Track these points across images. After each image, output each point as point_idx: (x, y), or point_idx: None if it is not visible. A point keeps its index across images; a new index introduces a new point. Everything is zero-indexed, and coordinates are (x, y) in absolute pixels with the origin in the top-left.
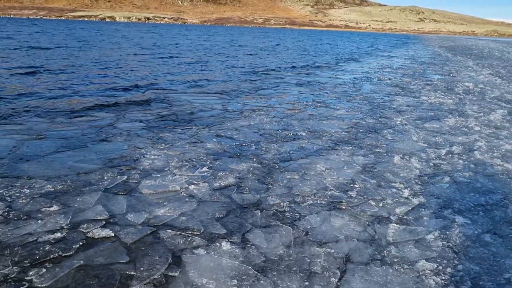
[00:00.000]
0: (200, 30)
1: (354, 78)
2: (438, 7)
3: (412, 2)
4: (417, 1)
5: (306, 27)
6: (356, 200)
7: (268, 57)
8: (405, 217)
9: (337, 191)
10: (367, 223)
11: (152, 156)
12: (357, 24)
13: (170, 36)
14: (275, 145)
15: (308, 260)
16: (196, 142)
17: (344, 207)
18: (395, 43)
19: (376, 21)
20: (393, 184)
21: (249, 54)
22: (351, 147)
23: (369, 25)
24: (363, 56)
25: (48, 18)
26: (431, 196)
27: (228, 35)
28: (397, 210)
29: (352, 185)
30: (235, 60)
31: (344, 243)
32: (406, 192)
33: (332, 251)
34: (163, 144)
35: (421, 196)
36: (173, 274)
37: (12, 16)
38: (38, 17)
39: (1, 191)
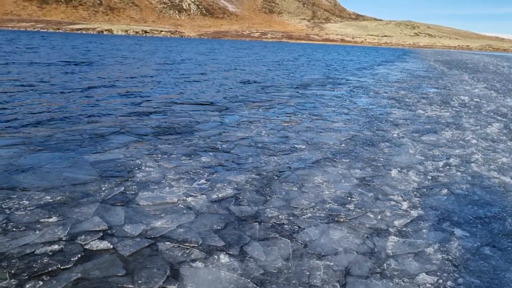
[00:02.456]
0: (209, 44)
1: (351, 91)
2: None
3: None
4: (413, 16)
5: (302, 41)
6: (354, 213)
7: (261, 69)
8: (404, 229)
9: (335, 204)
10: (366, 235)
11: (149, 168)
12: (353, 38)
13: (171, 49)
14: (273, 157)
15: (308, 273)
16: (193, 154)
17: (342, 220)
18: (391, 56)
19: (372, 35)
20: (391, 196)
21: (245, 66)
22: (348, 160)
23: (365, 39)
24: (359, 69)
25: (46, 30)
26: (429, 209)
27: (231, 48)
28: (396, 223)
29: (350, 198)
30: (234, 73)
31: (343, 256)
32: (404, 205)
33: (331, 263)
34: (159, 156)
35: (419, 209)
36: (171, 287)
37: (10, 28)
38: (36, 29)
39: None
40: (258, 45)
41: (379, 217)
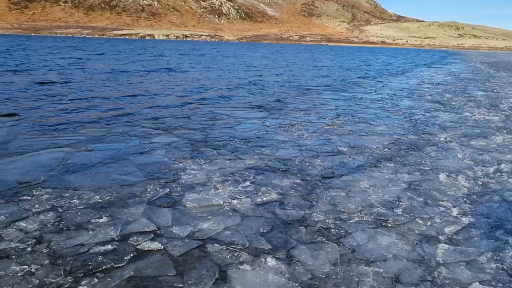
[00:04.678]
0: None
1: (394, 94)
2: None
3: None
4: (457, 17)
5: (342, 44)
6: (402, 218)
7: (302, 71)
8: (454, 237)
9: (383, 209)
10: (416, 242)
11: (193, 170)
12: (394, 40)
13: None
14: (317, 161)
15: (356, 279)
16: (236, 157)
17: (390, 225)
18: (434, 58)
19: (414, 37)
20: (441, 202)
21: (282, 69)
22: (393, 164)
23: (407, 41)
24: (401, 72)
25: (92, 36)
26: (481, 216)
27: (276, 53)
28: (446, 230)
29: (398, 202)
30: (274, 76)
31: (393, 263)
32: (454, 211)
33: (381, 270)
34: (202, 159)
35: (470, 216)
36: None
37: (58, 34)
38: (82, 35)
39: (52, 202)
40: (304, 49)
41: (428, 223)
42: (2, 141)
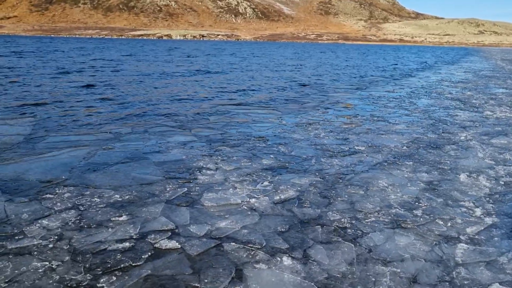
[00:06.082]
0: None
1: (412, 92)
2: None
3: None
4: (477, 13)
5: (359, 42)
6: (422, 219)
7: (319, 70)
8: (475, 237)
9: (402, 209)
10: (435, 243)
11: (210, 169)
12: (412, 38)
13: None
14: (335, 160)
15: (373, 279)
16: (254, 156)
17: (409, 226)
18: (453, 56)
19: (433, 34)
20: (462, 202)
21: (301, 67)
22: (412, 163)
23: (425, 39)
24: (419, 69)
25: (110, 37)
26: (504, 216)
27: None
28: (468, 230)
29: (417, 203)
30: (292, 73)
31: (410, 263)
32: (476, 211)
33: (398, 270)
34: (219, 157)
35: (493, 216)
36: None
37: (77, 36)
38: (101, 36)
39: (73, 200)
40: (326, 48)
41: (449, 224)
42: (28, 139)
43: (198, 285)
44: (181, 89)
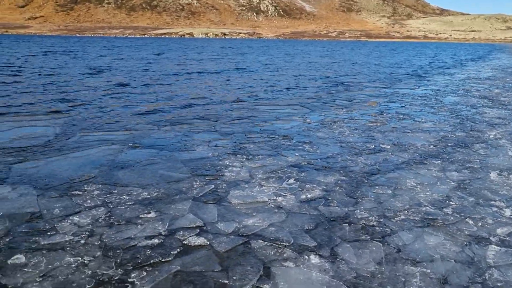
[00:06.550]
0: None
1: (438, 89)
2: None
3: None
4: (504, 9)
5: (382, 39)
6: (452, 218)
7: (342, 68)
8: (507, 238)
9: (432, 208)
10: (465, 243)
11: (236, 167)
12: (437, 34)
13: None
14: (360, 158)
15: (403, 279)
16: (278, 154)
17: (439, 225)
18: (480, 52)
19: (458, 30)
20: (493, 202)
21: (325, 64)
22: (441, 162)
23: (450, 35)
24: (445, 67)
25: (134, 36)
26: None
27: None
28: (499, 231)
29: (447, 202)
30: (316, 71)
31: (440, 263)
32: (508, 212)
33: (428, 271)
34: (245, 155)
35: None
36: (264, 286)
37: (101, 35)
38: (124, 35)
39: (103, 197)
40: (353, 45)
41: (479, 224)
42: (59, 137)
43: (227, 281)
44: (208, 87)
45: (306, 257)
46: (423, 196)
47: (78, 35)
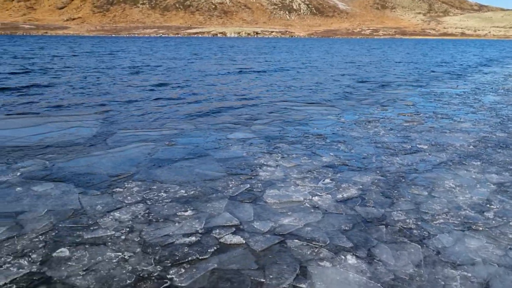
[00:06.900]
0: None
1: (476, 88)
2: None
3: None
4: None
5: (417, 37)
6: (494, 222)
7: (375, 68)
8: None
9: (472, 211)
10: (509, 247)
11: (271, 167)
12: (475, 31)
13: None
14: (396, 158)
15: (442, 283)
16: (313, 153)
17: (480, 228)
18: None
19: (498, 27)
20: None
21: (360, 62)
22: (480, 163)
23: (489, 32)
24: (484, 64)
25: (167, 35)
26: None
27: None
28: None
29: (488, 204)
30: (351, 70)
31: (482, 267)
32: None
33: (469, 274)
34: (279, 154)
35: None
36: (301, 285)
37: (136, 35)
38: (158, 35)
39: (142, 194)
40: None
41: None
42: (99, 135)
43: (264, 280)
44: (243, 86)
45: (343, 257)
46: (462, 198)
47: (114, 35)
